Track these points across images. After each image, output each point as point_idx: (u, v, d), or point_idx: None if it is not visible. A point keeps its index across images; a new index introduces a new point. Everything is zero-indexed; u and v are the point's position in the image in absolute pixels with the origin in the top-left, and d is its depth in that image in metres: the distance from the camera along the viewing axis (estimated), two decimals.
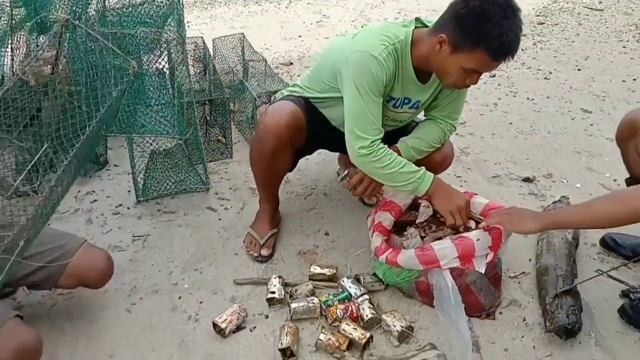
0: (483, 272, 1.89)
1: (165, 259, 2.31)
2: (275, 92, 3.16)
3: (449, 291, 1.87)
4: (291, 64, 4.56)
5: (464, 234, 1.92)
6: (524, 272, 2.20)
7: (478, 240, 1.87)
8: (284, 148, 2.13)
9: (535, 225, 1.78)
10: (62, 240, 1.86)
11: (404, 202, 2.15)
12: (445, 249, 1.87)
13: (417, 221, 2.15)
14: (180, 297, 2.09)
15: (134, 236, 2.46)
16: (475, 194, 2.15)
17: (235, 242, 2.40)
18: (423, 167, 1.98)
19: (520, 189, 2.79)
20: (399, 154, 2.05)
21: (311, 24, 5.67)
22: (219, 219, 2.57)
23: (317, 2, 6.46)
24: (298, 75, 4.26)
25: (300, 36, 5.28)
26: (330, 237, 2.41)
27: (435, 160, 2.27)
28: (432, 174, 1.97)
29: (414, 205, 2.20)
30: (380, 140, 1.95)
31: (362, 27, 5.47)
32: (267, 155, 2.14)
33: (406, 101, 2.10)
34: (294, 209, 2.60)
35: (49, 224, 2.49)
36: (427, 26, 1.96)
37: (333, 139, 2.21)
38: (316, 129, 2.19)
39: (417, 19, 1.99)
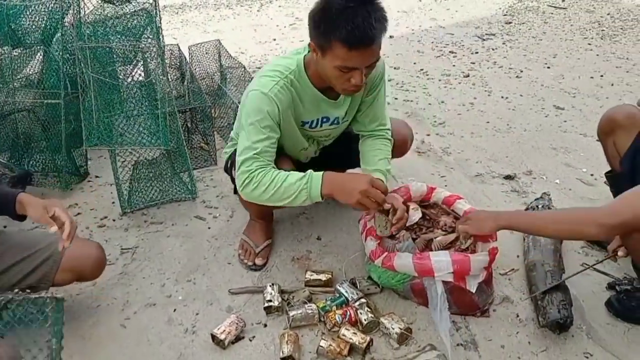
0: (474, 291, 1.94)
1: (157, 271, 2.29)
2: None
3: (437, 299, 1.91)
4: None
5: (465, 253, 1.96)
6: (513, 269, 2.25)
7: (476, 260, 1.93)
8: None
9: (493, 225, 1.87)
10: (48, 239, 1.85)
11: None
12: (441, 262, 1.91)
13: (407, 224, 2.17)
14: (175, 310, 2.08)
15: (122, 249, 2.43)
16: (459, 198, 2.20)
17: (227, 250, 2.39)
18: (309, 170, 1.86)
19: (502, 187, 2.85)
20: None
21: (285, 27, 5.67)
22: (209, 228, 2.56)
23: (288, 5, 6.47)
24: None
25: (274, 39, 5.28)
26: (322, 242, 2.42)
27: (395, 145, 2.27)
28: (319, 172, 1.83)
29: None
30: (262, 168, 1.85)
31: None
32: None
33: (325, 120, 2.10)
34: (284, 215, 2.60)
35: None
36: None
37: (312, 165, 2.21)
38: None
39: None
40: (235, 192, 2.30)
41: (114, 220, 2.64)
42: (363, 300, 2.01)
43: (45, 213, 1.61)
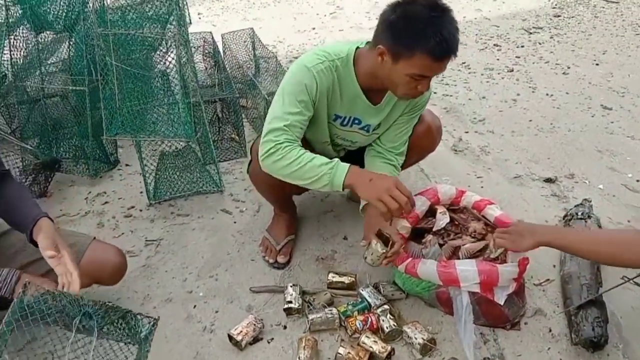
0: (502, 303, 1.84)
1: (179, 265, 2.26)
2: None
3: (462, 310, 1.81)
4: None
5: (493, 263, 1.86)
6: (548, 280, 2.13)
7: (504, 270, 1.82)
8: None
9: (532, 242, 1.75)
10: (71, 239, 1.81)
11: (421, 209, 2.08)
12: (467, 272, 1.81)
13: (434, 228, 2.08)
14: (195, 306, 2.04)
15: (146, 240, 2.41)
16: (491, 204, 2.08)
17: (251, 247, 2.34)
18: (336, 158, 1.78)
19: (542, 191, 2.71)
20: None
21: (325, 15, 5.57)
22: (234, 222, 2.52)
23: None
24: None
25: (313, 28, 5.19)
26: (348, 242, 2.35)
27: (417, 133, 2.15)
28: (347, 164, 1.75)
29: (431, 213, 2.13)
30: (289, 142, 1.77)
31: (376, 18, 5.38)
32: (273, 185, 2.02)
33: (356, 121, 2.01)
34: (311, 212, 2.54)
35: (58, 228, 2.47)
36: None
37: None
38: None
39: (369, 42, 1.89)
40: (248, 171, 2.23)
41: (140, 210, 2.62)
42: (386, 306, 1.93)
43: (52, 245, 1.56)
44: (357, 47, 1.89)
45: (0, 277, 1.47)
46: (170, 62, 2.48)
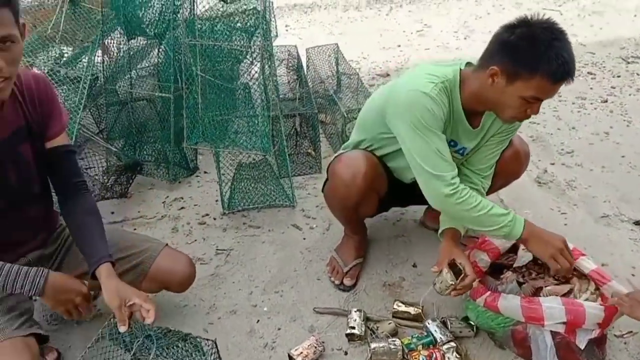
0: (582, 348, 1.71)
1: (247, 277, 2.27)
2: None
3: (546, 352, 1.70)
4: (388, 75, 4.44)
5: (578, 301, 1.74)
6: (631, 332, 1.97)
7: (591, 312, 1.70)
8: (369, 199, 2.05)
9: None
10: (144, 244, 1.86)
11: (504, 245, 1.99)
12: (553, 309, 1.70)
13: (514, 265, 1.98)
14: (258, 321, 2.04)
15: (217, 249, 2.44)
16: (583, 255, 1.95)
17: (318, 265, 2.32)
18: (512, 210, 1.81)
19: (631, 234, 2.52)
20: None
21: (411, 33, 5.50)
22: (304, 239, 2.50)
23: (418, 10, 6.28)
24: None
25: (399, 46, 5.14)
26: (418, 270, 2.28)
27: (504, 157, 2.08)
28: (522, 218, 1.80)
29: (513, 248, 2.03)
30: (464, 186, 1.79)
31: (464, 38, 5.27)
32: (350, 207, 2.07)
33: (452, 144, 1.93)
34: (381, 235, 2.48)
35: (134, 229, 2.55)
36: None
37: (400, 190, 2.14)
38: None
39: (469, 63, 1.85)
40: (323, 189, 2.24)
41: (214, 218, 2.66)
42: (453, 343, 1.84)
43: (118, 305, 1.58)
44: (461, 68, 1.83)
45: (28, 277, 1.49)
46: (253, 75, 2.51)
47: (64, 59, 2.58)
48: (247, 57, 2.55)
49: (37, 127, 1.61)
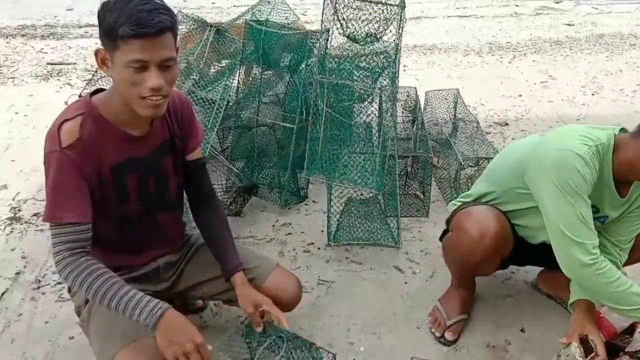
0: None
1: (346, 313, 2.27)
2: (486, 158, 3.02)
3: None
4: (506, 124, 4.34)
5: None
6: None
7: None
8: (492, 259, 1.99)
9: None
10: (257, 261, 1.93)
11: (621, 324, 1.86)
12: None
13: (627, 349, 1.84)
14: None
15: (319, 279, 2.47)
16: None
17: (418, 313, 2.28)
18: None
19: None
20: None
21: (534, 83, 5.35)
22: (405, 282, 2.48)
23: (543, 60, 6.11)
24: (512, 138, 4.04)
25: (520, 95, 5.01)
26: (525, 335, 2.17)
27: None
28: None
29: (630, 328, 1.90)
30: (603, 258, 1.70)
31: (592, 94, 5.05)
32: (471, 264, 2.02)
33: (593, 210, 1.82)
34: (488, 292, 2.40)
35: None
36: None
37: (522, 250, 2.05)
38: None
39: (622, 129, 1.77)
40: (441, 238, 2.21)
41: (319, 248, 2.70)
42: None
43: (252, 309, 1.75)
44: (616, 134, 1.77)
45: (147, 306, 1.51)
46: (374, 114, 2.56)
47: (202, 81, 2.76)
48: (371, 96, 2.60)
49: (179, 142, 1.73)
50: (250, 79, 3.09)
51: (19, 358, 2.03)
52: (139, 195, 1.69)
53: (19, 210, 3.00)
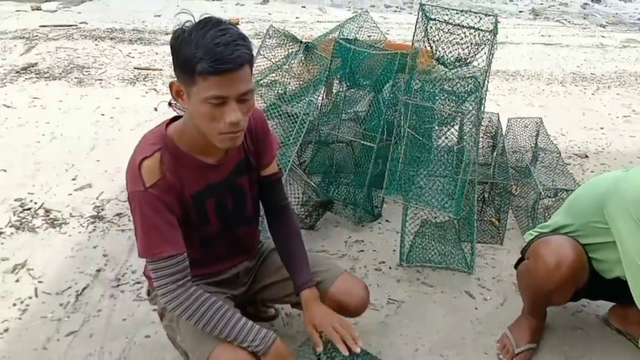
0: None
1: (414, 334, 2.28)
2: (566, 190, 2.96)
3: None
4: (586, 156, 4.22)
5: None
6: None
7: None
8: (567, 289, 1.96)
9: None
10: (326, 266, 1.95)
11: None
12: None
13: None
14: None
15: (389, 299, 2.48)
16: None
17: (487, 339, 2.26)
18: None
19: None
20: None
21: (617, 117, 5.18)
22: (475, 308, 2.46)
23: (628, 94, 5.90)
24: (592, 171, 3.92)
25: (602, 128, 4.86)
26: None
27: None
28: None
29: None
30: None
31: None
32: (545, 293, 2.00)
33: None
34: (558, 323, 2.34)
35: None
36: None
37: (596, 283, 2.01)
38: None
39: None
40: (516, 266, 2.20)
41: (390, 267, 2.72)
42: None
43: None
44: None
45: (259, 334, 1.60)
46: (457, 138, 2.56)
47: (286, 95, 2.85)
48: (454, 121, 2.61)
49: (253, 159, 1.76)
50: (333, 96, 3.16)
51: (96, 352, 2.13)
52: (218, 216, 1.73)
53: (102, 210, 3.13)
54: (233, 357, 1.57)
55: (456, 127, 2.76)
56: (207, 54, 1.34)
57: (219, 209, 1.72)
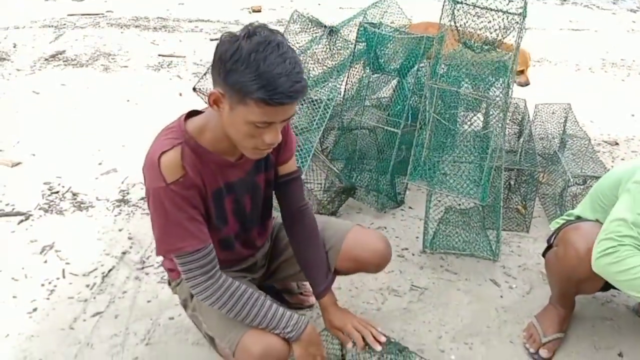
0: None
1: (438, 321, 2.27)
2: (595, 177, 2.90)
3: None
4: (616, 144, 4.13)
5: None
6: None
7: None
8: (596, 277, 1.87)
9: None
10: (335, 226, 1.92)
11: None
12: None
13: None
14: None
15: (412, 285, 2.47)
16: None
17: (513, 328, 2.23)
18: None
19: None
20: None
21: None
22: (501, 296, 2.43)
23: None
24: (622, 159, 3.84)
25: (632, 115, 4.75)
26: None
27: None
28: None
29: None
30: (632, 247, 1.64)
31: None
32: (574, 280, 1.96)
33: None
34: (586, 313, 2.31)
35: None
36: None
37: None
38: None
39: None
40: (544, 255, 2.15)
41: (413, 254, 2.70)
42: None
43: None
44: None
45: (292, 319, 1.61)
46: (483, 124, 2.52)
47: (310, 81, 2.83)
48: (480, 106, 2.56)
49: (272, 157, 1.71)
50: (357, 81, 3.13)
51: (121, 333, 2.16)
52: (235, 216, 1.71)
53: (128, 194, 3.18)
54: (263, 342, 1.57)
55: (481, 114, 2.72)
56: (268, 84, 1.29)
57: (237, 209, 1.69)
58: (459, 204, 2.78)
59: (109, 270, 2.52)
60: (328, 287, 1.81)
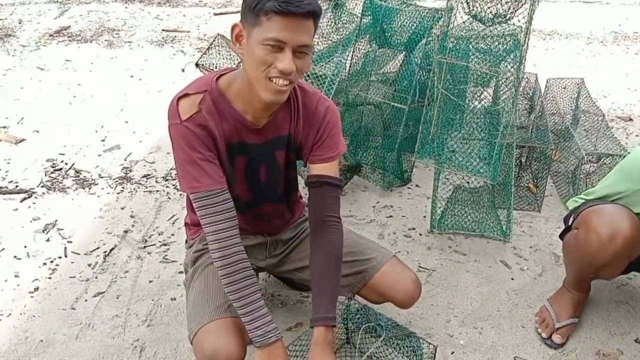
0: None
1: (446, 304, 2.21)
2: (611, 155, 2.81)
3: None
4: (630, 119, 4.01)
5: None
6: None
7: None
8: (620, 263, 1.83)
9: None
10: (372, 253, 1.84)
11: None
12: None
13: None
14: (452, 352, 1.97)
15: (419, 266, 2.41)
16: None
17: (524, 311, 2.17)
18: None
19: None
20: None
21: None
22: (512, 279, 2.36)
23: None
24: (636, 135, 3.73)
25: None
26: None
27: None
28: None
29: None
30: None
31: None
32: (595, 266, 1.87)
33: None
34: (601, 297, 2.24)
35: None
36: None
37: None
38: None
39: None
40: (561, 236, 2.07)
41: (420, 234, 2.64)
42: None
43: None
44: None
45: (265, 326, 1.52)
46: (493, 100, 2.43)
47: (314, 56, 2.74)
48: (491, 81, 2.46)
49: (298, 143, 1.67)
50: (363, 56, 3.03)
51: (123, 313, 2.14)
52: (247, 182, 1.68)
53: (130, 171, 3.14)
54: (217, 342, 1.53)
55: (491, 89, 2.62)
56: None
57: (249, 174, 1.67)
58: (468, 183, 2.70)
59: (111, 249, 2.49)
60: (329, 319, 1.61)
